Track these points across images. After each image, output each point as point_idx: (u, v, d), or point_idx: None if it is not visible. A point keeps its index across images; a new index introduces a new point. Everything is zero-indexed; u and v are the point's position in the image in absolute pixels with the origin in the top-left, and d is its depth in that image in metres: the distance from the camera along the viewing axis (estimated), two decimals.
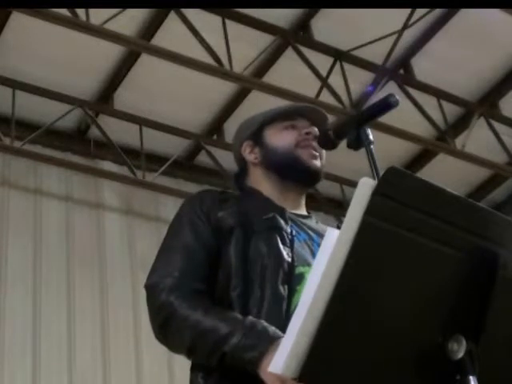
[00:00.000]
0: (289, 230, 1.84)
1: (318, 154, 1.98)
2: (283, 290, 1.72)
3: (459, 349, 1.26)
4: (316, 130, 1.99)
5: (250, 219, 1.83)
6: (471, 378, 1.26)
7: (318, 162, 1.97)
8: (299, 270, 1.77)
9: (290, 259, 1.77)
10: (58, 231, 5.91)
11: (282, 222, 1.84)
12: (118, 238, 6.16)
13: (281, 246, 1.78)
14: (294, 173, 1.96)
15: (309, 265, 1.78)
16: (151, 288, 1.77)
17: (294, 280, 1.75)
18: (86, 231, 6.05)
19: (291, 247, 1.80)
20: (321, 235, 1.90)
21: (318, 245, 1.86)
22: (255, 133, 2.03)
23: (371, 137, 1.74)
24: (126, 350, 5.64)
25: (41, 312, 5.49)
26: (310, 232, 1.92)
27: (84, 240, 5.98)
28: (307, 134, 1.98)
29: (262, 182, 2.00)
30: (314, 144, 1.97)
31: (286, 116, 2.02)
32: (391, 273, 1.25)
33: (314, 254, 1.83)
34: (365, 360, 1.27)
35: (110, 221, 6.22)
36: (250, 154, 2.03)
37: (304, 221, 1.95)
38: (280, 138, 1.99)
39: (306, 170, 1.96)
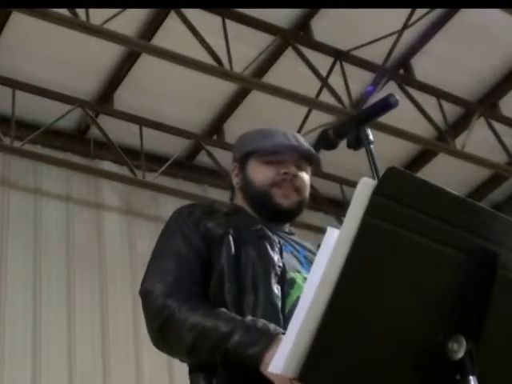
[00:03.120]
0: (277, 240, 1.88)
1: (292, 193, 1.98)
2: (277, 290, 1.74)
3: (459, 349, 1.26)
4: (294, 169, 1.99)
5: (239, 230, 1.87)
6: (471, 377, 1.26)
7: (289, 202, 1.98)
8: (290, 275, 1.81)
9: (280, 264, 1.81)
10: (57, 231, 5.91)
11: (270, 232, 1.89)
12: (118, 237, 6.16)
13: (271, 252, 1.83)
14: (265, 211, 1.98)
15: (299, 272, 1.83)
16: (146, 294, 1.79)
17: (286, 284, 1.78)
18: (86, 231, 6.05)
19: (281, 254, 1.83)
20: (306, 249, 1.98)
21: (304, 256, 1.93)
22: (241, 159, 2.06)
23: (371, 137, 1.74)
24: (125, 349, 5.64)
25: (41, 312, 5.49)
26: (294, 245, 1.96)
27: (84, 240, 5.98)
28: (285, 173, 1.98)
29: (243, 203, 2.05)
30: (289, 184, 1.98)
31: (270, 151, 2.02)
32: (391, 273, 1.25)
33: (301, 264, 1.88)
34: (365, 360, 1.27)
35: (110, 221, 6.22)
36: (235, 178, 2.07)
37: (289, 236, 2.01)
38: (259, 174, 2.00)
39: (276, 209, 1.98)
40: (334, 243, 1.23)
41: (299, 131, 5.98)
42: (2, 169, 5.95)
